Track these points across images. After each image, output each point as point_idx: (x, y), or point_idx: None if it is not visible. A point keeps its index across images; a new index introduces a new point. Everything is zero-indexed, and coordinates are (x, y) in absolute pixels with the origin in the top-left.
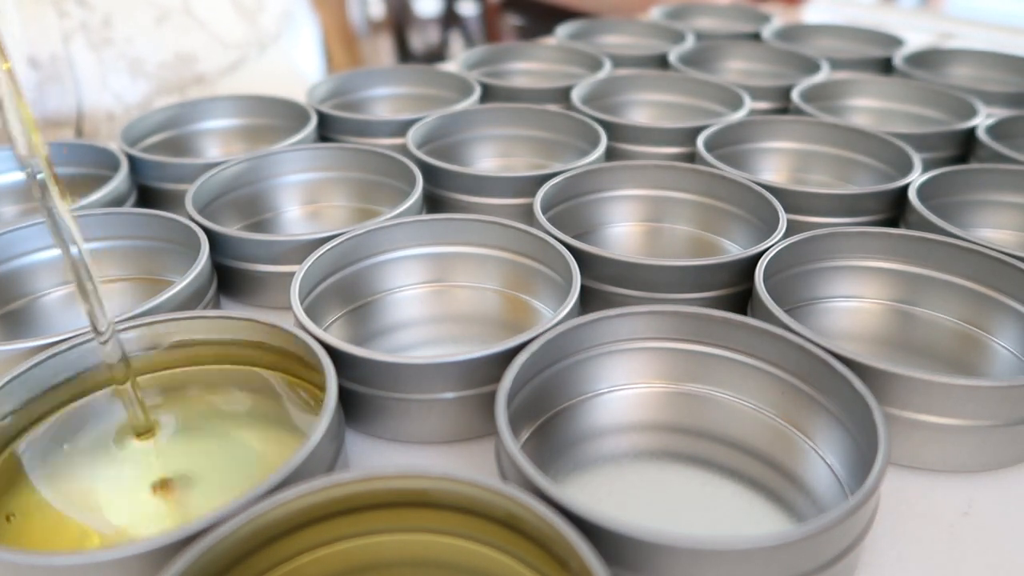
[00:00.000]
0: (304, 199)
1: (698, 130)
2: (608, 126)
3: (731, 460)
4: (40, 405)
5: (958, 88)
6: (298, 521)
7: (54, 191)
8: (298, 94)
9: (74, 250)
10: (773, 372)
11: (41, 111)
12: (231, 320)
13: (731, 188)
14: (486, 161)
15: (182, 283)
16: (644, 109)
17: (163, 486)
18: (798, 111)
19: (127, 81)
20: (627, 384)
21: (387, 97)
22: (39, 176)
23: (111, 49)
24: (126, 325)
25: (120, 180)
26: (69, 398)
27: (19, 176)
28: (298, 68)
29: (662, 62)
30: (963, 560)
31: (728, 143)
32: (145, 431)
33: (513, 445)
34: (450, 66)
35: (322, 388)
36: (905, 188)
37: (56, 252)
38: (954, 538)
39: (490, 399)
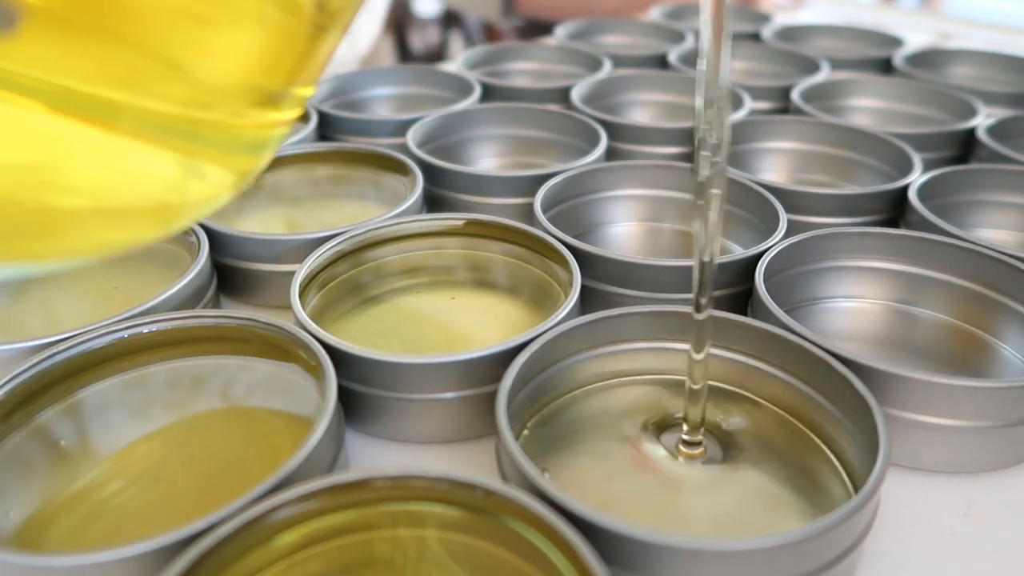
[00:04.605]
0: None
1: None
2: (608, 126)
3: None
4: (39, 403)
5: (958, 88)
6: (298, 520)
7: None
8: None
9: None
10: (773, 372)
11: None
12: (231, 319)
13: (731, 188)
14: (486, 161)
15: (182, 283)
16: (644, 109)
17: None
18: (798, 111)
19: None
20: None
21: (387, 97)
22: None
23: None
24: (125, 325)
25: None
26: (68, 395)
27: None
28: None
29: (662, 62)
30: (963, 561)
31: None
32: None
33: (513, 445)
34: (450, 66)
35: (322, 388)
36: (905, 188)
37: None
38: (954, 539)
39: (490, 399)
